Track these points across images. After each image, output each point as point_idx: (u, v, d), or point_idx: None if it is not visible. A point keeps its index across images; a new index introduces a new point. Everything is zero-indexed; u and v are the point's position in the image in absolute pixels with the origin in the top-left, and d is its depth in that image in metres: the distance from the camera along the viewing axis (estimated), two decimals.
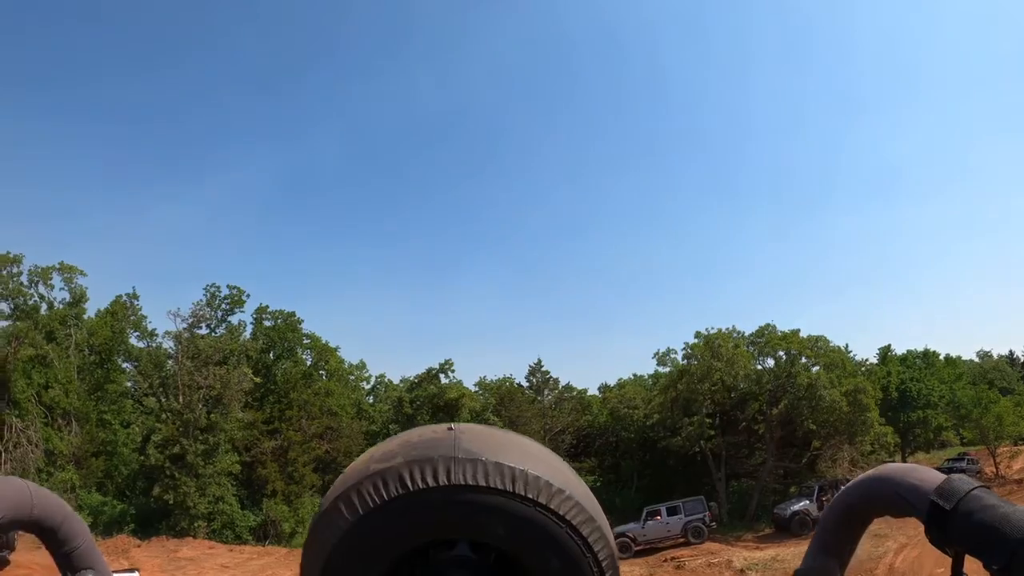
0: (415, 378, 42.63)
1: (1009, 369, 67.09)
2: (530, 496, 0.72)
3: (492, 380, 48.41)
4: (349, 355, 45.12)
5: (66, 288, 33.05)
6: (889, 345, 49.88)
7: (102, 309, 35.70)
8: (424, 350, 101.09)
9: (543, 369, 49.00)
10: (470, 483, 0.72)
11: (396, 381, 45.99)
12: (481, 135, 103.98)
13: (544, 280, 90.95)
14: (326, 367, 40.63)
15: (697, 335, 37.86)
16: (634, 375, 49.71)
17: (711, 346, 36.21)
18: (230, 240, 78.95)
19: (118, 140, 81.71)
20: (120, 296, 36.56)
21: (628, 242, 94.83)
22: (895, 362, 48.20)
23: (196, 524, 29.22)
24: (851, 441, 35.26)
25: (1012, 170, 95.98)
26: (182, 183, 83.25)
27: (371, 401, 46.03)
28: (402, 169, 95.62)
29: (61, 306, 32.98)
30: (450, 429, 0.79)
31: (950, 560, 0.74)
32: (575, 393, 49.44)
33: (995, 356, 72.33)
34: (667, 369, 41.06)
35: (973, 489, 0.65)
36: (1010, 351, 73.02)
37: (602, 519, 0.77)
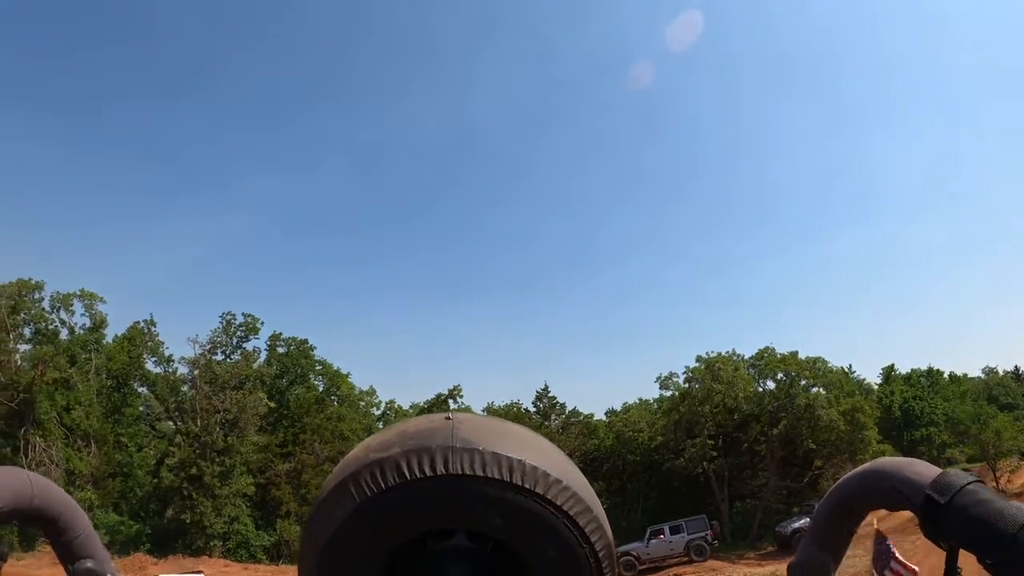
0: (424, 403, 43.49)
1: (1014, 385, 66.72)
2: (527, 486, 0.72)
3: (500, 405, 49.34)
4: (359, 381, 46.35)
5: (87, 314, 34.59)
6: (892, 365, 50.45)
7: (119, 335, 37.19)
8: (433, 377, 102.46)
9: (550, 394, 49.87)
10: (467, 472, 0.71)
11: (406, 407, 47.00)
12: (485, 161, 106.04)
13: (549, 306, 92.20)
14: (338, 393, 41.82)
15: (698, 359, 38.94)
16: (639, 399, 50.42)
17: (711, 369, 37.25)
18: (243, 267, 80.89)
19: (131, 165, 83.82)
20: (137, 323, 38.01)
21: (630, 267, 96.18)
22: (899, 381, 48.77)
23: (212, 543, 30.17)
24: (852, 460, 35.86)
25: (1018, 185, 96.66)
26: (194, 214, 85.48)
27: (381, 426, 46.95)
28: (410, 199, 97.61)
29: (82, 331, 34.43)
30: (448, 418, 0.78)
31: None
32: (581, 418, 50.19)
33: (1000, 372, 71.70)
34: (669, 393, 41.94)
35: (968, 483, 0.65)
36: (1016, 367, 72.83)
37: (599, 510, 0.77)
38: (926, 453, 45.57)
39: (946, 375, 51.89)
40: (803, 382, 36.48)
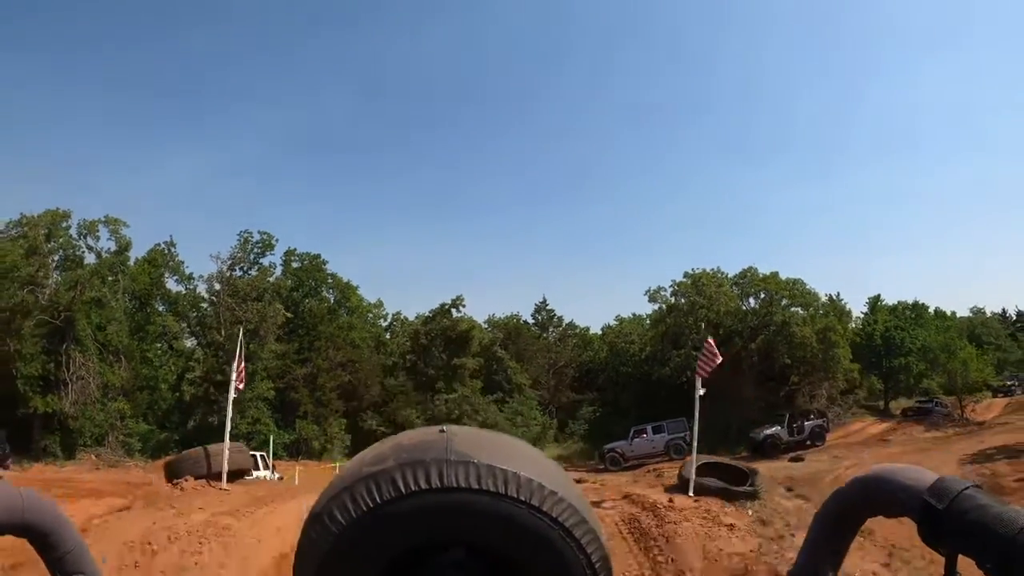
0: (429, 313, 46.11)
1: (998, 326, 68.59)
2: (523, 498, 0.72)
3: (500, 317, 52.07)
4: (368, 294, 48.95)
5: (112, 239, 36.72)
6: (879, 295, 52.20)
7: (140, 257, 39.55)
8: (437, 289, 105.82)
9: (548, 307, 52.55)
10: (462, 485, 0.72)
11: (411, 318, 49.68)
12: (493, 78, 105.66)
13: (551, 225, 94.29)
14: (347, 304, 44.46)
15: (686, 275, 41.36)
16: (633, 314, 52.93)
17: (696, 285, 39.67)
18: (258, 188, 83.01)
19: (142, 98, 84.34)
20: (158, 244, 40.52)
21: (633, 190, 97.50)
22: (884, 312, 50.60)
23: (237, 443, 33.32)
24: (826, 378, 38.78)
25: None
26: (208, 138, 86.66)
27: (388, 337, 49.84)
28: (417, 122, 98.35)
29: (108, 255, 36.67)
30: (442, 431, 0.79)
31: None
32: (578, 331, 53.05)
33: (988, 313, 73.52)
34: (657, 306, 44.42)
35: (966, 488, 0.64)
36: (1003, 309, 74.68)
37: (595, 520, 0.77)
38: (904, 381, 48.52)
39: (931, 310, 53.51)
40: (784, 302, 38.93)
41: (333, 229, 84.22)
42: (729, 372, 40.92)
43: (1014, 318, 71.88)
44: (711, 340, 12.49)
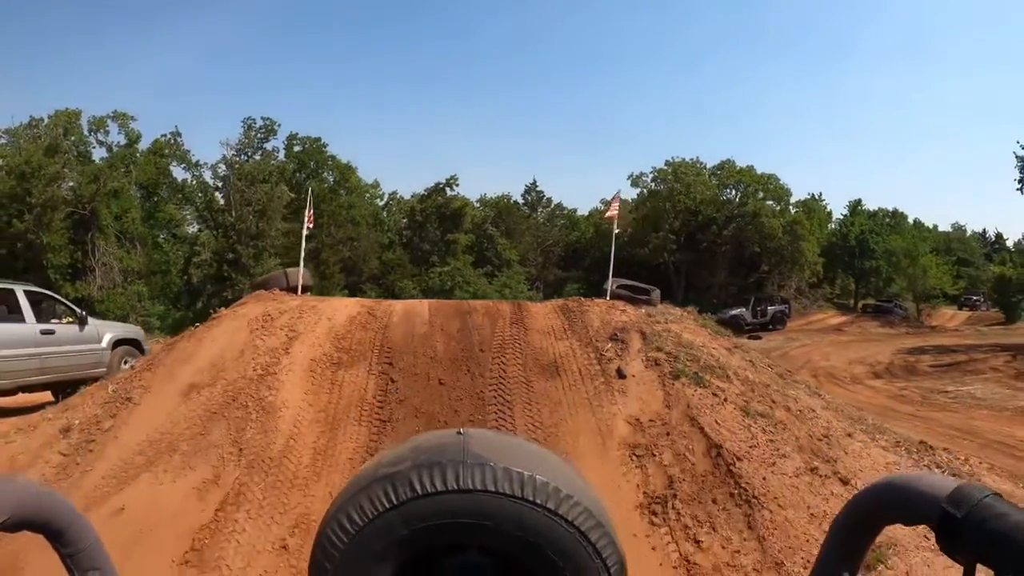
0: (425, 191, 47.76)
1: (976, 245, 69.49)
2: (539, 501, 0.72)
3: (492, 197, 54.13)
4: (365, 175, 50.67)
5: (122, 132, 38.34)
6: (860, 200, 53.25)
7: (144, 149, 40.86)
8: (431, 169, 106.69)
9: (538, 189, 54.46)
10: (479, 488, 0.72)
11: (407, 197, 51.79)
12: None
13: (545, 108, 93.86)
14: (347, 185, 46.39)
15: (667, 163, 43.41)
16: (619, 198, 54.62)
17: (676, 172, 41.84)
18: (257, 71, 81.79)
19: None
20: (163, 135, 41.88)
21: (631, 76, 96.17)
22: (863, 215, 51.82)
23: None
24: (793, 268, 41.95)
25: None
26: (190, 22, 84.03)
27: (385, 215, 52.20)
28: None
29: (118, 148, 38.35)
30: (459, 433, 0.79)
31: None
32: (566, 212, 55.36)
33: (969, 232, 73.96)
34: (639, 190, 46.62)
35: (985, 497, 0.62)
36: (984, 229, 75.62)
37: (611, 525, 0.76)
38: (874, 283, 50.44)
39: (911, 220, 55.15)
40: (760, 195, 41.34)
41: (331, 112, 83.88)
42: (705, 257, 44.22)
43: (992, 239, 73.12)
44: (619, 193, 14.41)
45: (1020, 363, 23.28)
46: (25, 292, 10.31)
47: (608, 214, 13.47)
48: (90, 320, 11.28)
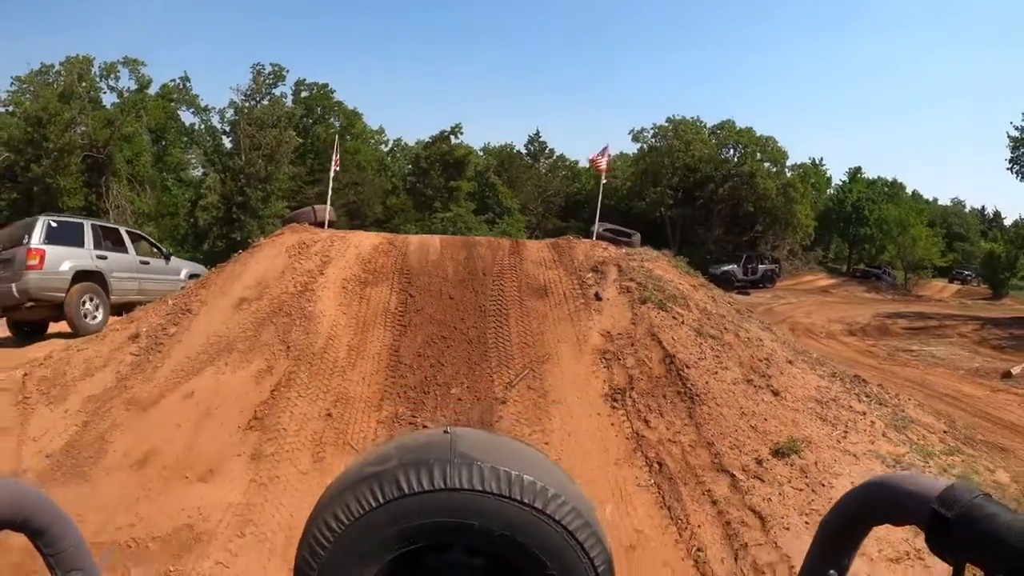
0: (429, 138, 48.64)
1: (974, 221, 70.22)
2: (526, 500, 0.72)
3: (495, 146, 55.04)
4: (371, 122, 51.54)
5: (133, 78, 39.42)
6: (860, 167, 54.22)
7: (152, 94, 41.74)
8: (436, 117, 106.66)
9: (541, 139, 55.28)
10: (466, 487, 0.71)
11: (411, 144, 52.73)
12: None
13: (553, 59, 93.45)
14: (352, 131, 47.29)
15: (668, 120, 44.31)
16: (621, 152, 55.98)
17: (676, 130, 42.74)
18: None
19: None
20: (171, 80, 42.78)
21: (641, 28, 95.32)
22: (861, 183, 52.74)
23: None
24: (786, 229, 43.14)
25: None
26: None
27: (389, 161, 53.18)
28: None
29: (129, 93, 39.30)
30: (446, 432, 0.78)
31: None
32: (567, 163, 56.20)
33: (968, 208, 75.04)
34: (640, 146, 47.69)
35: (975, 497, 0.62)
36: (983, 206, 76.49)
37: (598, 525, 0.76)
38: (868, 250, 51.54)
39: (909, 191, 56.17)
40: (758, 156, 42.29)
41: (338, 59, 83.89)
42: (701, 214, 45.34)
43: (991, 217, 73.70)
44: (608, 147, 15.60)
45: (986, 332, 24.68)
46: (127, 231, 13.01)
47: (599, 168, 14.63)
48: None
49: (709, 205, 44.48)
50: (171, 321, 8.34)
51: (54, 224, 11.22)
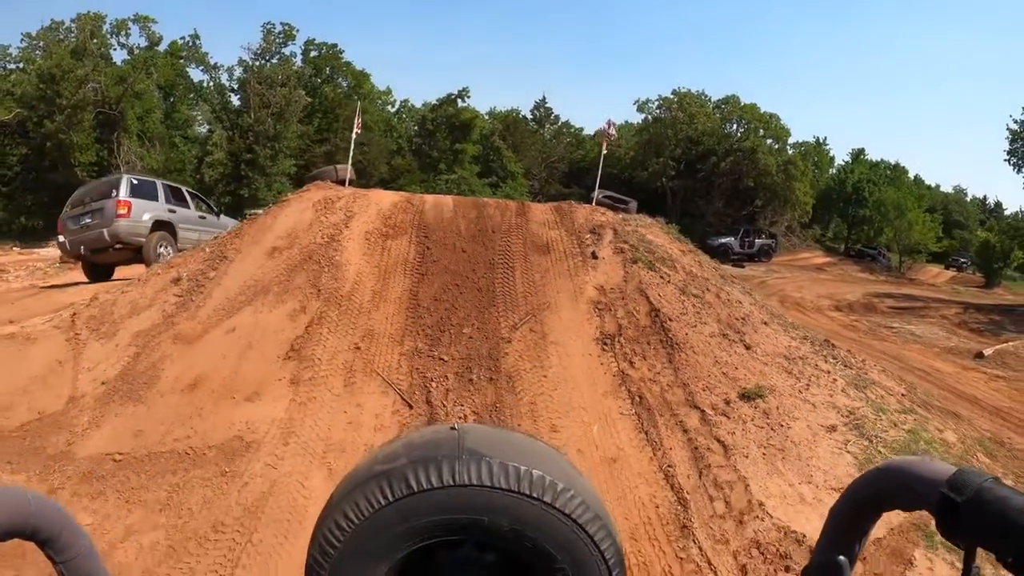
0: (436, 101, 49.26)
1: (974, 210, 70.26)
2: (535, 495, 0.72)
3: (501, 110, 55.47)
4: (378, 82, 51.86)
5: (144, 35, 39.70)
6: (863, 148, 54.71)
7: (161, 51, 42.05)
8: (443, 80, 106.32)
9: (547, 105, 55.61)
10: (475, 483, 0.72)
11: (418, 105, 53.13)
12: None
13: (560, 26, 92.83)
14: (360, 91, 47.65)
15: (673, 92, 44.75)
16: (626, 121, 56.36)
17: (681, 103, 43.27)
18: None
19: None
20: (181, 38, 42.89)
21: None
22: (864, 165, 52.99)
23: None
24: (785, 205, 43.88)
25: None
26: None
27: (396, 122, 53.61)
28: None
29: (140, 50, 39.69)
30: (453, 429, 0.79)
31: None
32: (572, 130, 56.61)
33: (969, 197, 74.86)
34: (645, 116, 48.28)
35: (985, 481, 0.62)
36: (984, 195, 77.08)
37: (608, 518, 0.77)
38: (866, 231, 51.96)
39: (911, 175, 56.10)
40: (760, 132, 42.87)
41: (347, 19, 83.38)
42: (702, 187, 46.03)
43: (992, 207, 74.01)
44: (612, 121, 16.82)
45: (968, 315, 25.46)
46: (187, 191, 15.02)
47: (605, 138, 15.60)
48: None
49: (710, 178, 45.12)
50: (210, 266, 9.25)
51: (135, 182, 13.22)
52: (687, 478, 6.05)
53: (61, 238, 13.12)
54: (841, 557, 0.75)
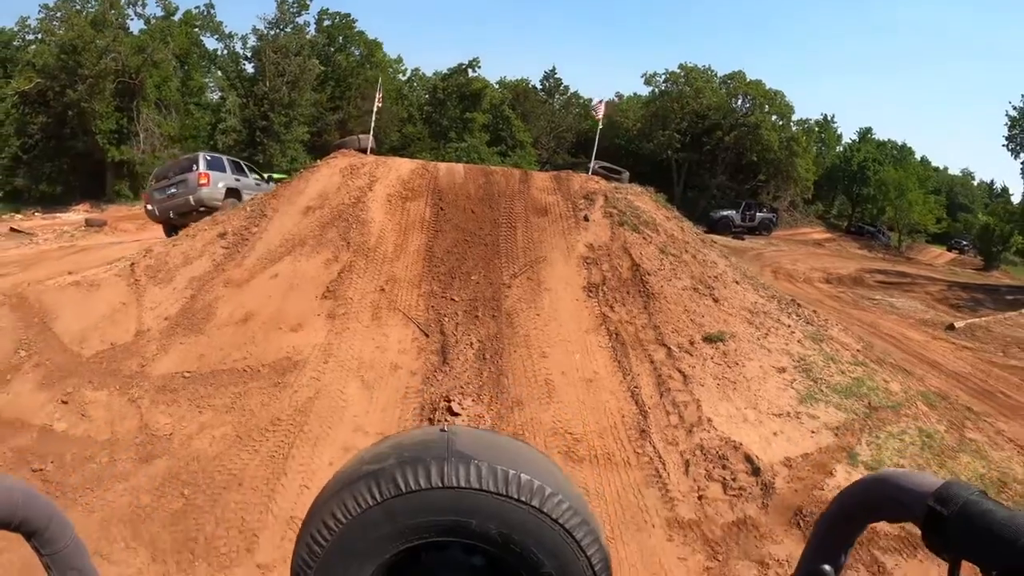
0: (448, 70, 50.05)
1: (978, 193, 70.55)
2: (523, 499, 0.72)
3: (511, 80, 56.16)
4: (389, 50, 52.64)
5: (160, 5, 40.68)
6: (871, 127, 55.82)
7: (176, 20, 42.79)
8: (454, 50, 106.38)
9: (556, 76, 56.26)
10: (463, 485, 0.72)
11: (429, 74, 53.95)
12: None
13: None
14: (372, 60, 48.53)
15: (680, 67, 45.54)
16: (634, 93, 56.96)
17: (688, 77, 44.13)
18: None
19: None
20: (195, 7, 43.97)
21: None
22: (871, 144, 53.39)
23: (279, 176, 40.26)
24: (787, 181, 44.85)
25: None
26: None
27: (407, 90, 54.43)
28: None
29: (156, 20, 40.59)
30: (443, 431, 0.79)
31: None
32: (582, 101, 57.25)
33: (977, 180, 75.36)
34: (652, 89, 49.00)
35: (971, 494, 0.62)
36: (991, 180, 76.79)
37: (595, 523, 0.77)
38: (869, 210, 52.59)
39: (918, 156, 56.37)
40: (765, 108, 43.72)
41: None
42: (706, 160, 47.00)
43: (998, 192, 73.84)
44: (603, 100, 18.36)
45: (950, 292, 26.41)
46: (245, 164, 17.56)
47: (597, 115, 17.09)
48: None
49: (715, 152, 46.02)
50: (252, 223, 10.64)
51: (209, 158, 15.76)
52: (650, 397, 7.46)
53: (149, 207, 15.69)
54: (827, 566, 0.75)
